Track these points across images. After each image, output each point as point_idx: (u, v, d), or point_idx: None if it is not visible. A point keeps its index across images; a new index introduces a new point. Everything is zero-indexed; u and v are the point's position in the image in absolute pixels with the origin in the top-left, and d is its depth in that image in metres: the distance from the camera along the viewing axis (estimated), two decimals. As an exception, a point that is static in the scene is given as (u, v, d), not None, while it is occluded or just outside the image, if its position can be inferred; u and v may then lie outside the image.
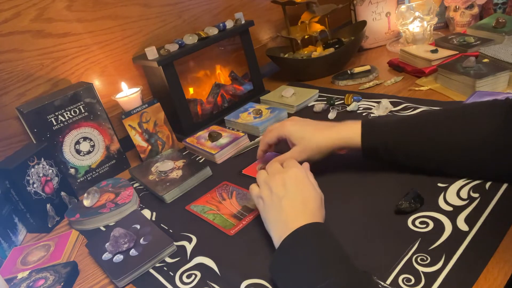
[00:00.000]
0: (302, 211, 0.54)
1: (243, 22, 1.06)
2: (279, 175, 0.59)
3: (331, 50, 1.15)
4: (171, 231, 0.69)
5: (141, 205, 0.78)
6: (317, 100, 1.01)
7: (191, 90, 1.08)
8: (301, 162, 0.65)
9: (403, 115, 0.64)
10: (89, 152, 0.89)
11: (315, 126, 0.69)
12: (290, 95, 1.02)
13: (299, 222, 0.51)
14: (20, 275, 0.64)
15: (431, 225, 0.54)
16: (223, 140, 0.89)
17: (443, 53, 0.99)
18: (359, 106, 0.92)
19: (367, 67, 1.08)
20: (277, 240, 0.53)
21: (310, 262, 0.46)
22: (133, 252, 0.63)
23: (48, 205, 0.79)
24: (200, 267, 0.59)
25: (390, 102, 0.87)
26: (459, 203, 0.56)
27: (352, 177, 0.68)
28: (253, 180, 0.75)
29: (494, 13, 1.16)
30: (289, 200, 0.55)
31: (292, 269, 0.47)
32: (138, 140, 0.92)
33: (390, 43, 1.29)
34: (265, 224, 0.58)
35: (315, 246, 0.48)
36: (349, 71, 1.09)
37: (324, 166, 0.74)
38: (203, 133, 0.95)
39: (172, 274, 0.59)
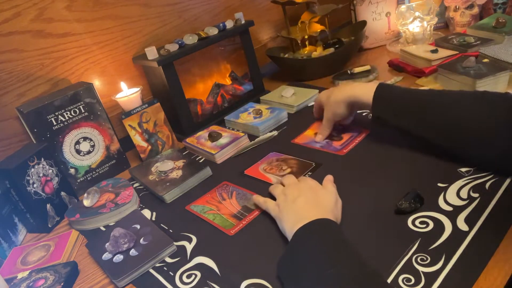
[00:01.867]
0: (315, 207, 0.56)
1: (243, 22, 1.06)
2: (295, 185, 0.63)
3: (331, 50, 1.15)
4: (171, 231, 0.69)
5: (141, 205, 0.78)
6: (317, 100, 1.01)
7: (191, 90, 1.08)
8: (331, 125, 0.80)
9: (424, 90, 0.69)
10: (89, 152, 0.89)
11: (340, 86, 0.80)
12: (290, 95, 1.02)
13: (311, 216, 0.52)
14: (20, 275, 0.64)
15: (431, 225, 0.54)
16: (223, 140, 0.89)
17: (443, 53, 0.99)
18: (359, 106, 0.92)
19: (367, 67, 1.08)
20: (289, 234, 0.54)
21: (319, 252, 0.47)
22: (133, 252, 0.63)
23: (48, 205, 0.79)
24: (200, 267, 0.59)
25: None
26: (459, 203, 0.56)
27: (352, 178, 0.68)
28: (255, 180, 0.76)
29: (494, 13, 1.16)
30: (303, 198, 0.58)
31: (301, 259, 0.48)
32: (138, 140, 0.92)
33: (390, 43, 1.29)
34: (280, 226, 0.59)
35: (326, 239, 0.49)
36: (349, 71, 1.09)
37: (324, 166, 0.74)
38: (203, 133, 0.95)
39: (172, 274, 0.59)
